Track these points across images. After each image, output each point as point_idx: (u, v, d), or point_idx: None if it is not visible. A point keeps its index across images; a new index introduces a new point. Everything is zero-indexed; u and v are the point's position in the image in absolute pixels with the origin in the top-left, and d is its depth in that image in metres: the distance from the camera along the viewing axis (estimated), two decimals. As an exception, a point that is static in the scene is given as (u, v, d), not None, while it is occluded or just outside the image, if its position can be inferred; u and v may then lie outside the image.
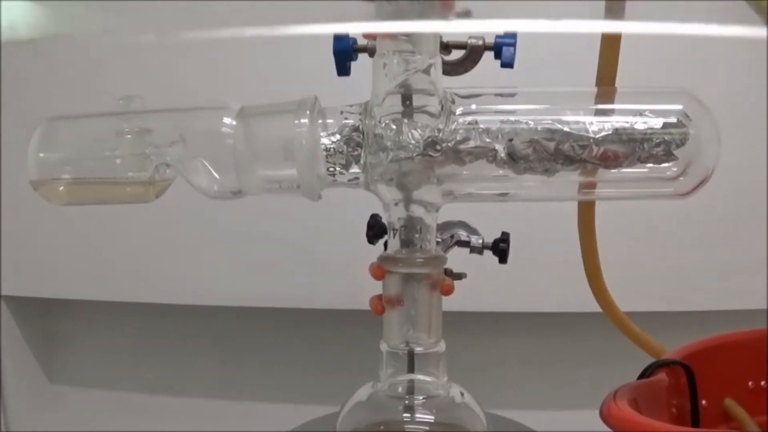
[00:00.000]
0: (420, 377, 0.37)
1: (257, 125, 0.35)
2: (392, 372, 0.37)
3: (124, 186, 0.35)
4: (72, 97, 0.63)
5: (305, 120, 0.34)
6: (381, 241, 0.41)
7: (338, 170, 0.34)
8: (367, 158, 0.34)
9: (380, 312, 0.37)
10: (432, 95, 0.34)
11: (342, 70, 0.38)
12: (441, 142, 0.33)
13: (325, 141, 0.34)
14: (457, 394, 0.38)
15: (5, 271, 0.68)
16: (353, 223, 0.42)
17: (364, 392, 0.38)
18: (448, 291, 0.37)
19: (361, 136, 0.34)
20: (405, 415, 0.37)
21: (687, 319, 0.58)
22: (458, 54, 0.38)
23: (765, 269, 0.58)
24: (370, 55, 0.37)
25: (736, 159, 0.51)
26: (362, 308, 0.39)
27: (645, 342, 0.45)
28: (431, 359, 0.37)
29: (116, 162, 0.35)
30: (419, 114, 0.34)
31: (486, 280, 0.43)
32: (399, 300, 0.36)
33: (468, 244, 0.43)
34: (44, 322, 0.74)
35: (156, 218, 0.64)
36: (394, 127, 0.34)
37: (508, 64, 0.37)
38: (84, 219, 0.64)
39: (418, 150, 0.33)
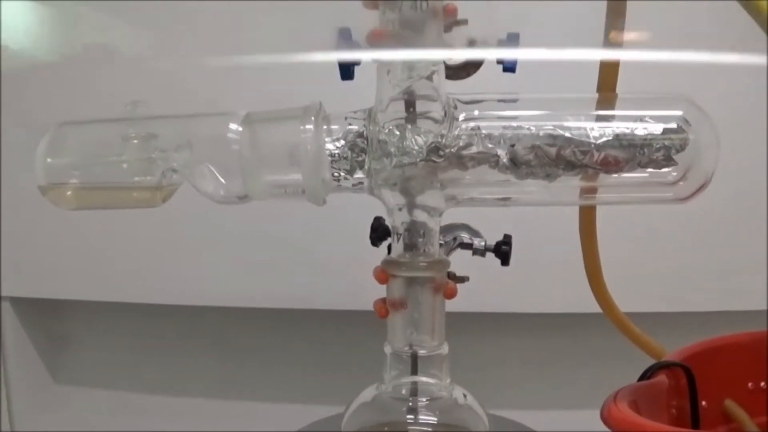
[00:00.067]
0: (423, 379, 0.37)
1: (263, 131, 0.35)
2: (396, 374, 0.37)
3: (131, 191, 0.35)
4: (72, 97, 0.64)
5: (310, 126, 0.34)
6: (384, 244, 0.41)
7: (343, 175, 0.35)
8: (371, 164, 0.34)
9: (384, 315, 0.37)
10: (435, 101, 0.34)
11: (346, 75, 0.38)
12: (444, 148, 0.34)
13: (330, 146, 0.34)
14: (460, 396, 0.38)
15: (10, 273, 0.68)
16: (353, 224, 0.43)
17: (368, 394, 0.39)
18: (451, 294, 0.37)
19: (366, 142, 0.34)
20: (408, 417, 0.37)
21: (687, 320, 0.58)
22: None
23: (765, 270, 0.58)
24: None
25: (736, 160, 0.51)
26: (362, 309, 0.39)
27: (645, 343, 0.45)
28: (434, 361, 0.37)
29: (123, 167, 0.35)
30: (423, 120, 0.34)
31: (488, 282, 0.43)
32: (403, 303, 0.36)
33: (471, 247, 0.43)
34: (48, 323, 0.74)
35: (158, 220, 0.63)
36: (398, 133, 0.34)
37: (511, 69, 0.37)
38: (87, 221, 0.64)
39: (422, 155, 0.34)
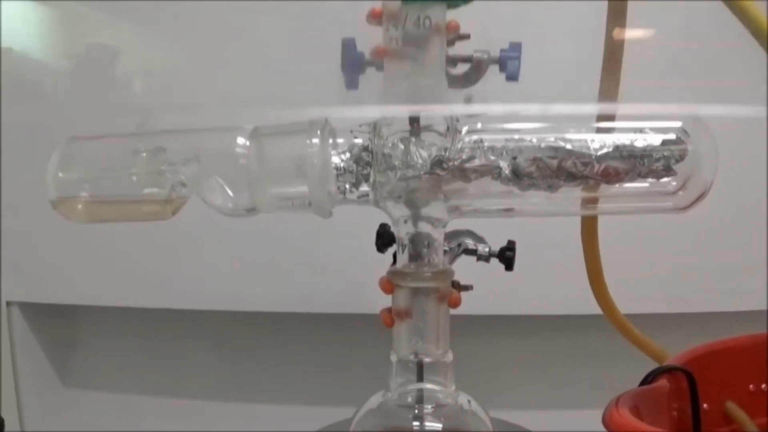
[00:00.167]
0: (429, 386, 0.38)
1: (270, 145, 0.35)
2: (402, 382, 0.38)
3: (142, 205, 0.36)
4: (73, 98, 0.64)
5: (317, 140, 0.34)
6: (389, 250, 0.41)
7: (348, 188, 0.35)
8: (376, 177, 0.35)
9: (390, 324, 0.37)
10: (439, 114, 0.35)
11: (351, 84, 0.38)
12: (447, 161, 0.34)
13: (336, 160, 0.35)
14: (465, 402, 0.39)
15: (19, 279, 0.69)
16: (355, 227, 0.43)
17: (375, 401, 0.39)
18: (456, 303, 0.37)
19: (370, 156, 0.34)
20: (415, 424, 0.37)
21: (688, 321, 0.59)
22: (464, 67, 0.39)
23: (765, 270, 0.58)
24: (378, 69, 0.37)
25: (736, 160, 0.51)
26: (362, 312, 0.39)
27: (646, 345, 0.45)
28: (439, 369, 0.38)
29: (132, 180, 0.36)
30: (426, 133, 0.35)
31: (491, 285, 0.43)
32: (408, 313, 0.37)
33: (475, 253, 0.43)
34: (58, 328, 0.75)
35: (162, 226, 0.63)
36: (402, 147, 0.34)
37: (513, 78, 0.38)
38: (93, 228, 0.63)
39: (426, 168, 0.34)
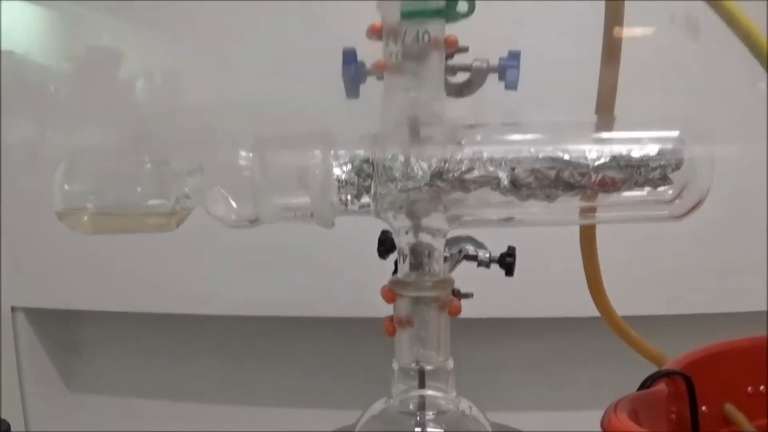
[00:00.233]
0: (430, 393, 0.38)
1: (272, 156, 0.35)
2: (404, 388, 0.38)
3: (147, 217, 0.36)
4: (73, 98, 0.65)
5: (318, 151, 0.34)
6: (391, 257, 0.42)
7: (350, 199, 0.35)
8: (377, 188, 0.35)
9: (392, 333, 0.38)
10: (438, 127, 0.35)
11: (352, 93, 0.39)
12: (447, 173, 0.34)
13: (337, 171, 0.35)
14: (466, 408, 0.39)
15: (24, 285, 0.69)
16: (357, 232, 0.42)
17: (377, 407, 0.39)
18: (456, 312, 0.38)
19: (371, 167, 0.35)
20: (417, 430, 0.37)
21: (688, 322, 0.60)
22: (464, 76, 0.39)
23: (765, 270, 0.59)
24: (378, 78, 0.38)
25: (736, 160, 0.52)
26: (364, 315, 0.39)
27: (644, 348, 0.46)
28: (440, 376, 0.38)
29: (137, 191, 0.36)
30: (426, 145, 0.35)
31: (492, 288, 0.43)
32: (409, 321, 0.37)
33: (475, 258, 0.44)
34: (62, 333, 0.75)
35: (166, 233, 0.65)
36: (403, 159, 0.34)
37: (512, 87, 0.38)
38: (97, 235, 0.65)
39: (426, 180, 0.34)
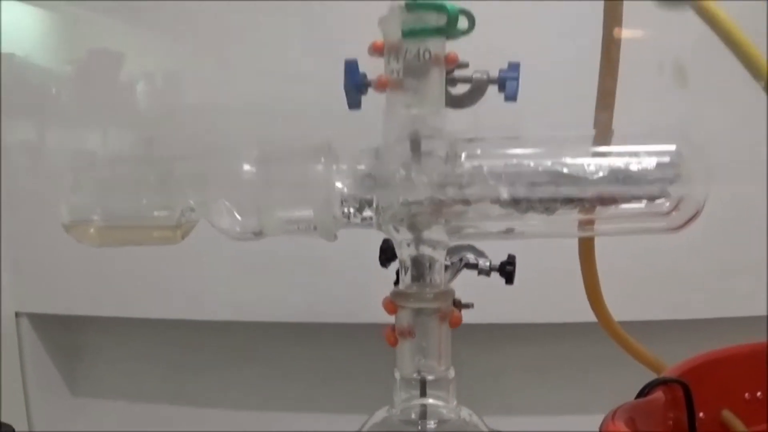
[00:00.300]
0: (431, 402, 0.38)
1: (276, 170, 0.36)
2: (406, 398, 0.38)
3: (152, 230, 0.37)
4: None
5: (321, 166, 0.35)
6: (392, 266, 0.42)
7: (352, 212, 0.36)
8: (379, 202, 0.35)
9: (393, 344, 0.38)
10: (439, 140, 0.36)
11: (353, 104, 0.39)
12: (448, 186, 0.35)
13: (339, 185, 0.35)
14: (467, 416, 0.39)
15: (28, 290, 0.70)
16: (359, 238, 0.43)
17: (380, 416, 0.40)
18: (457, 323, 0.38)
19: (373, 181, 0.35)
20: (418, 439, 0.38)
21: (686, 326, 0.60)
22: (464, 88, 0.40)
23: (765, 275, 0.59)
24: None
25: (736, 163, 0.52)
26: (366, 321, 0.39)
27: (644, 356, 0.46)
28: (442, 385, 0.38)
29: (143, 203, 0.37)
30: (427, 159, 0.35)
31: (493, 294, 0.44)
32: (411, 332, 0.37)
33: (476, 267, 0.44)
34: (66, 338, 0.76)
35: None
36: (404, 173, 0.35)
37: (512, 98, 0.39)
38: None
39: (427, 194, 0.35)
